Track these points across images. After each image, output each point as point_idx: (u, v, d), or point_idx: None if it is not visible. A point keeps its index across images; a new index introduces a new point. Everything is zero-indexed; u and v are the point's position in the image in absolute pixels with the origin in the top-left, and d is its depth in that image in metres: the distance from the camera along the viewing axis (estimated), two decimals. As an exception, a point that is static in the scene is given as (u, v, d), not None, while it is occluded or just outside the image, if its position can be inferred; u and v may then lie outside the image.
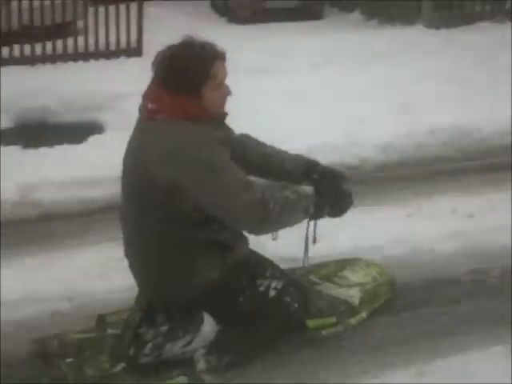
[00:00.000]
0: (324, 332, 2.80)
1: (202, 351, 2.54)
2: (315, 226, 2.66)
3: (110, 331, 2.73)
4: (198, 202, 2.31)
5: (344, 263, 3.28)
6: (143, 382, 2.51)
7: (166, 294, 2.50)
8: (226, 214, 2.36)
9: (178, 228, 2.36)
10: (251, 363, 2.60)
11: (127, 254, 2.58)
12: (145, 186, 2.35)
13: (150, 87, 2.41)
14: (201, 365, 2.52)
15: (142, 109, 2.42)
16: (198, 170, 2.28)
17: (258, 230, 2.41)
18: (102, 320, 2.77)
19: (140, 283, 2.58)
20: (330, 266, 3.26)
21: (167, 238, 2.40)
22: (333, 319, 2.84)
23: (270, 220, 2.34)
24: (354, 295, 3.03)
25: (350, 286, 3.10)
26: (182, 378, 2.50)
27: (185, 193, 2.28)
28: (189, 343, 2.53)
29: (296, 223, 2.50)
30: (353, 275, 3.19)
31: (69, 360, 2.57)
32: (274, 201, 2.32)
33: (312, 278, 3.11)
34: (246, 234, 2.55)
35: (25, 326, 2.87)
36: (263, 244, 2.77)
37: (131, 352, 2.49)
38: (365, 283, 3.13)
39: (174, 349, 2.51)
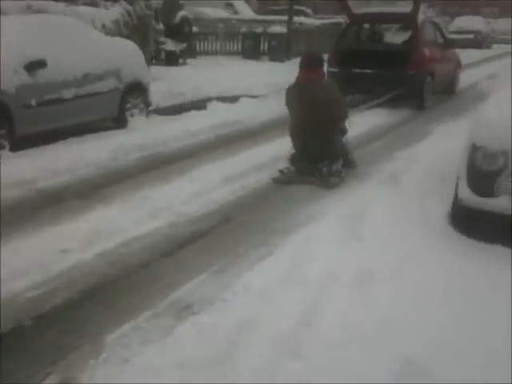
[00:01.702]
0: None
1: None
2: None
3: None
4: (333, 107, 5.98)
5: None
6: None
7: (318, 156, 6.02)
8: (343, 114, 6.15)
9: (326, 123, 5.91)
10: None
11: (296, 141, 6.16)
12: (313, 103, 5.88)
13: (301, 72, 6.11)
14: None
15: (301, 78, 6.07)
16: (335, 94, 6.09)
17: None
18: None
19: (304, 152, 6.11)
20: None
21: (322, 129, 5.91)
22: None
23: None
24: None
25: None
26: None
27: (330, 104, 5.92)
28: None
29: None
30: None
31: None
32: None
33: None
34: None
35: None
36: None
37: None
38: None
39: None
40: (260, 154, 6.99)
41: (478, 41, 28.35)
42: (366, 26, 12.48)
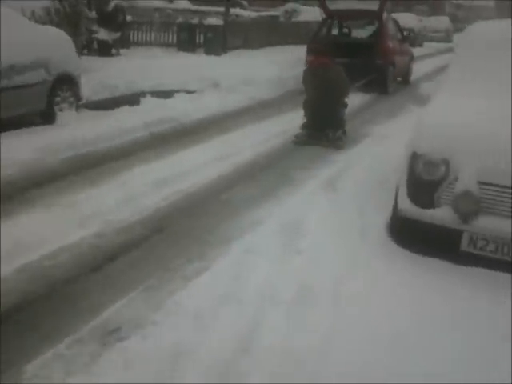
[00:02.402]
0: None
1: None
2: None
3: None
4: (340, 87, 7.72)
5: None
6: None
7: (324, 122, 7.73)
8: (346, 92, 7.91)
9: (333, 99, 7.70)
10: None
11: (311, 113, 7.83)
12: (325, 83, 7.57)
13: (313, 57, 8.06)
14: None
15: (314, 63, 7.91)
16: (341, 76, 7.71)
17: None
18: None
19: (314, 121, 7.76)
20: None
21: (330, 104, 7.66)
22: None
23: None
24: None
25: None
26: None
27: (338, 84, 7.69)
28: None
29: None
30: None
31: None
32: None
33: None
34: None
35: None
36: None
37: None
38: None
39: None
40: (196, 155, 6.74)
41: (411, 38, 28.77)
42: (340, 20, 14.27)
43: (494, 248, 3.85)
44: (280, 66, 15.64)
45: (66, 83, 8.18)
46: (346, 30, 14.32)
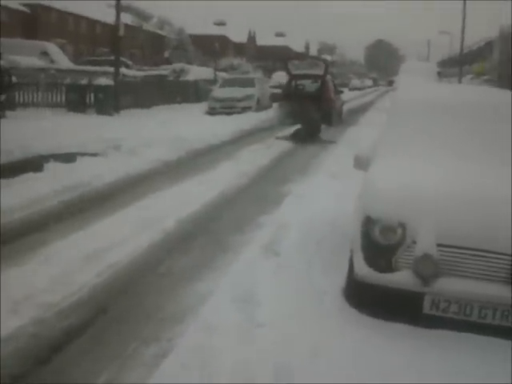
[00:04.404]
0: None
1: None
2: None
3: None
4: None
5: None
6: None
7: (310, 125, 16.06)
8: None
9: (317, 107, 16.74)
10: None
11: (297, 118, 16.41)
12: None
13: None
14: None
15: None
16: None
17: None
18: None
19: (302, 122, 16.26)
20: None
21: (315, 109, 16.54)
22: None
23: None
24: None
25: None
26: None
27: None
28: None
29: None
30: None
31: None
32: None
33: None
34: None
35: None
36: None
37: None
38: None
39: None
40: (118, 223, 6.40)
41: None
42: (298, 80, 19.90)
43: (456, 309, 3.87)
44: (175, 125, 15.59)
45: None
46: (301, 86, 19.84)
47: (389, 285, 4.01)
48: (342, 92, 22.93)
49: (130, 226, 6.25)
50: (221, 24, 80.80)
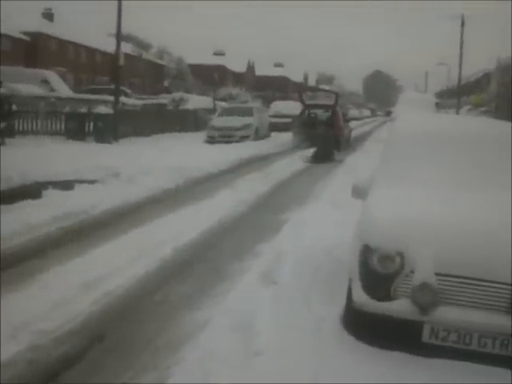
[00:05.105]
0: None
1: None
2: None
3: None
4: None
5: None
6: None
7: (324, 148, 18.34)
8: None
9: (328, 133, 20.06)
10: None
11: (313, 142, 19.36)
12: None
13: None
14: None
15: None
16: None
17: None
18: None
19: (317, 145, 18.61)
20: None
21: (327, 135, 19.73)
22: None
23: None
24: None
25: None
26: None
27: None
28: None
29: None
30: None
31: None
32: None
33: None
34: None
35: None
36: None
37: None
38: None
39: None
40: (116, 250, 6.40)
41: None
42: (311, 109, 22.87)
43: (456, 338, 3.86)
44: (174, 153, 15.66)
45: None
46: (313, 114, 22.46)
47: (387, 313, 3.99)
48: (349, 121, 25.88)
49: (127, 253, 6.25)
50: (220, 54, 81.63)
